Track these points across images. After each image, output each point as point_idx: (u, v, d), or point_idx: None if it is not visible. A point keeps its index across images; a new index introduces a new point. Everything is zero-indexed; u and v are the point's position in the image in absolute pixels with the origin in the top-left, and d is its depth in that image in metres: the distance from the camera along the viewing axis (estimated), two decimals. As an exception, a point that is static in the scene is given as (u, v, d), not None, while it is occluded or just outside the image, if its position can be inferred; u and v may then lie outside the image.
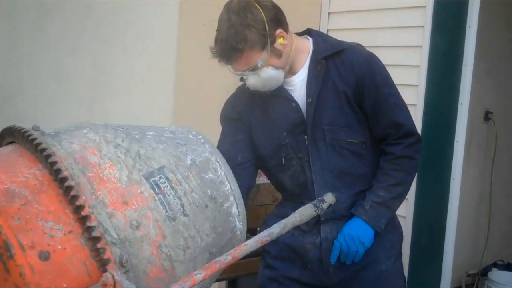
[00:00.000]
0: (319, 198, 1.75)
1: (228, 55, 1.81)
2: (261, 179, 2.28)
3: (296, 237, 2.00)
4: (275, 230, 1.45)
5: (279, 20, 1.86)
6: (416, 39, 3.11)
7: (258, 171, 2.09)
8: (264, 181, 2.30)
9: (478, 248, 3.97)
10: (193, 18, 3.26)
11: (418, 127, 3.01)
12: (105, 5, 3.85)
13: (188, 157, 1.45)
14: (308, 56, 1.94)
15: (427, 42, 3.04)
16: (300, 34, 2.01)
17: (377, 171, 1.98)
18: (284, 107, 1.94)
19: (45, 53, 4.42)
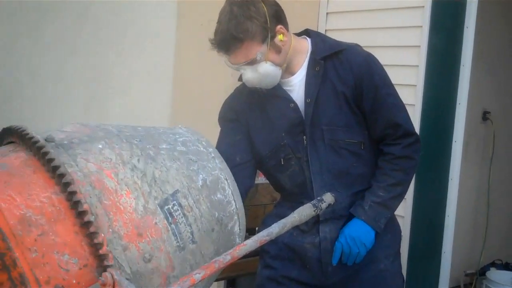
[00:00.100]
0: (318, 198, 1.75)
1: (228, 44, 1.80)
2: (260, 179, 2.28)
3: (295, 237, 2.00)
4: (274, 230, 1.45)
5: (280, 17, 1.87)
6: (414, 39, 3.11)
7: (257, 171, 2.10)
8: (263, 181, 2.30)
9: (476, 247, 3.97)
10: (191, 19, 3.26)
11: (416, 127, 3.02)
12: (104, 6, 3.85)
13: (199, 176, 1.44)
14: (307, 57, 1.94)
15: (425, 42, 3.05)
16: (299, 34, 2.01)
17: (376, 171, 1.98)
18: (283, 107, 1.94)
19: (44, 54, 4.42)
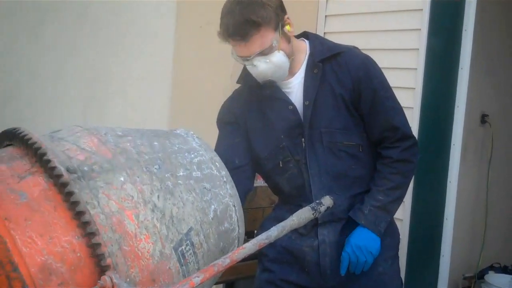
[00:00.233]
0: (317, 201, 1.75)
1: (246, 30, 1.76)
2: (259, 181, 2.27)
3: (293, 240, 2.00)
4: (273, 233, 1.44)
5: (285, 9, 1.87)
6: (412, 42, 3.11)
7: (256, 174, 2.09)
8: (261, 183, 2.29)
9: (474, 251, 3.97)
10: (190, 20, 3.26)
11: (415, 130, 3.02)
12: (103, 6, 3.85)
13: (211, 207, 1.44)
14: (305, 59, 1.94)
15: (423, 45, 3.05)
16: (297, 36, 2.01)
17: (374, 175, 1.98)
18: (282, 109, 1.94)
19: (43, 54, 4.42)
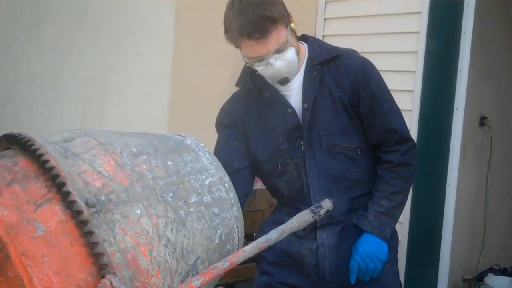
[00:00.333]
0: (317, 204, 1.74)
1: (264, 26, 1.75)
2: (258, 184, 2.27)
3: (292, 243, 2.00)
4: (273, 236, 1.44)
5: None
6: (411, 45, 3.12)
7: (255, 177, 2.09)
8: (261, 186, 2.29)
9: (474, 253, 3.97)
10: (189, 24, 3.26)
11: (414, 133, 3.02)
12: (102, 8, 3.86)
13: (218, 232, 1.45)
14: (304, 62, 1.95)
15: (422, 47, 3.06)
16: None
17: (376, 180, 1.99)
18: (280, 112, 1.94)
19: (42, 56, 4.42)
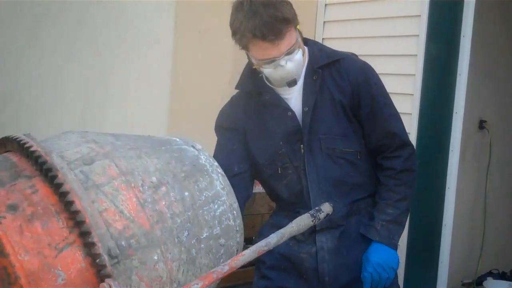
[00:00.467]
0: (316, 208, 1.74)
1: (279, 27, 1.75)
2: (257, 188, 2.27)
3: (291, 246, 1.99)
4: (273, 240, 1.44)
5: None
6: (411, 48, 3.12)
7: (254, 180, 2.09)
8: (260, 190, 2.29)
9: (473, 257, 3.97)
10: (189, 26, 3.26)
11: (413, 136, 3.02)
12: (101, 11, 3.86)
13: (220, 261, 1.46)
14: (304, 65, 1.94)
15: (422, 51, 3.06)
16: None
17: (379, 188, 1.99)
18: (280, 115, 1.94)
19: (41, 59, 4.42)
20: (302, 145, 1.93)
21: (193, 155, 1.54)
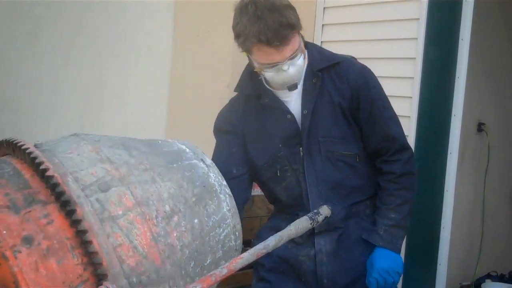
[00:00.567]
0: (315, 211, 1.74)
1: (284, 33, 1.75)
2: (256, 190, 2.27)
3: (289, 249, 1.99)
4: (271, 242, 1.44)
5: None
6: (409, 51, 3.12)
7: (253, 183, 2.09)
8: (259, 192, 2.29)
9: (471, 259, 3.97)
10: (187, 29, 3.26)
11: (412, 139, 3.02)
12: (100, 15, 3.86)
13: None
14: (304, 68, 1.95)
15: (420, 54, 3.06)
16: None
17: (379, 193, 1.99)
18: (280, 118, 1.94)
19: (39, 64, 4.41)
20: (301, 148, 1.94)
21: (203, 173, 1.51)
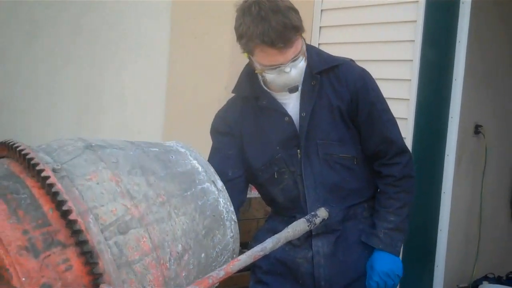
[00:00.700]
0: (312, 213, 1.74)
1: (288, 35, 1.74)
2: (253, 193, 2.27)
3: (287, 251, 1.99)
4: (268, 245, 1.43)
5: None
6: (407, 53, 3.13)
7: (249, 185, 2.08)
8: (256, 195, 2.29)
9: (468, 261, 3.97)
10: (185, 31, 3.26)
11: (409, 141, 3.03)
12: (97, 18, 3.86)
13: None
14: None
15: (417, 56, 3.07)
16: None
17: (378, 196, 1.99)
18: (277, 120, 1.94)
19: (37, 67, 4.41)
20: (299, 150, 1.93)
21: (214, 199, 1.51)
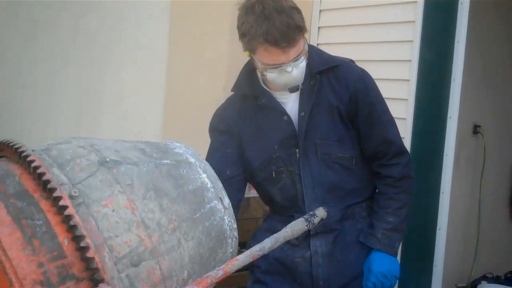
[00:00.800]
0: (311, 213, 1.73)
1: (292, 35, 1.75)
2: (252, 192, 2.27)
3: (285, 251, 1.99)
4: (267, 244, 1.44)
5: None
6: (405, 54, 3.13)
7: (247, 184, 2.09)
8: (255, 194, 2.29)
9: (467, 261, 3.97)
10: (183, 32, 3.26)
11: (408, 141, 3.03)
12: (96, 19, 3.86)
13: None
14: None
15: (416, 56, 3.07)
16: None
17: (377, 197, 2.00)
18: (276, 119, 1.94)
19: (36, 66, 4.41)
20: (297, 150, 1.93)
21: (220, 218, 1.50)
